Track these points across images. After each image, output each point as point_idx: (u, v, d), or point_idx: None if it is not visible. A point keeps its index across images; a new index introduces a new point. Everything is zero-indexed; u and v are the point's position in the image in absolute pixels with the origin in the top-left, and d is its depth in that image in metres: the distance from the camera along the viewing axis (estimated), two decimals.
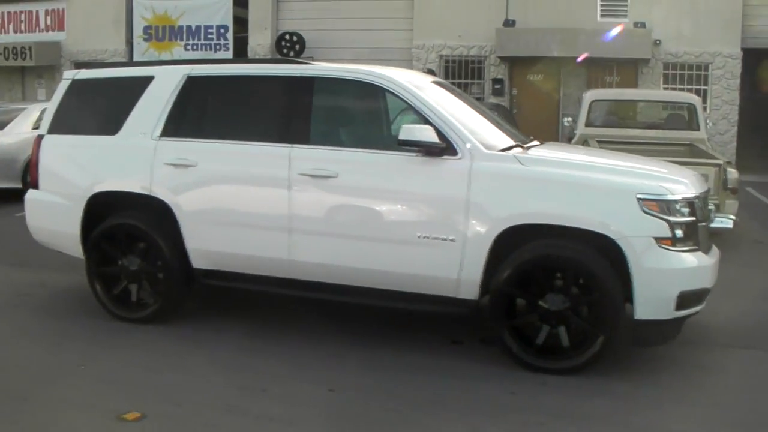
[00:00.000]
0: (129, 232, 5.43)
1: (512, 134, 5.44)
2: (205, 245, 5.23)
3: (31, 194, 5.80)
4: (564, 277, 4.60)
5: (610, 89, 14.31)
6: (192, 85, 5.36)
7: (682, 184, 4.69)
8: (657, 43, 15.96)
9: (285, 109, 5.15)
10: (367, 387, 4.38)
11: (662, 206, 4.47)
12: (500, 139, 5.06)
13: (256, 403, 4.15)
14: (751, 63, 15.78)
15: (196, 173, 5.19)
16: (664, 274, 4.45)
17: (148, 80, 5.49)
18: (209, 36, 18.41)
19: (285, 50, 18.13)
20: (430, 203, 4.77)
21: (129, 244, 5.46)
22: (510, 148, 4.95)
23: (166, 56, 17.90)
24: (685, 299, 4.53)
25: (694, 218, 4.58)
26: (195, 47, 18.40)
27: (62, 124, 5.70)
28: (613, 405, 4.24)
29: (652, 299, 4.48)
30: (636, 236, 4.42)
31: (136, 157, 5.38)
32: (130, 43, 19.24)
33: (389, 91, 4.99)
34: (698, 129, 10.40)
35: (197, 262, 5.29)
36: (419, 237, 4.74)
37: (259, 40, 18.52)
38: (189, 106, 5.39)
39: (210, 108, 5.47)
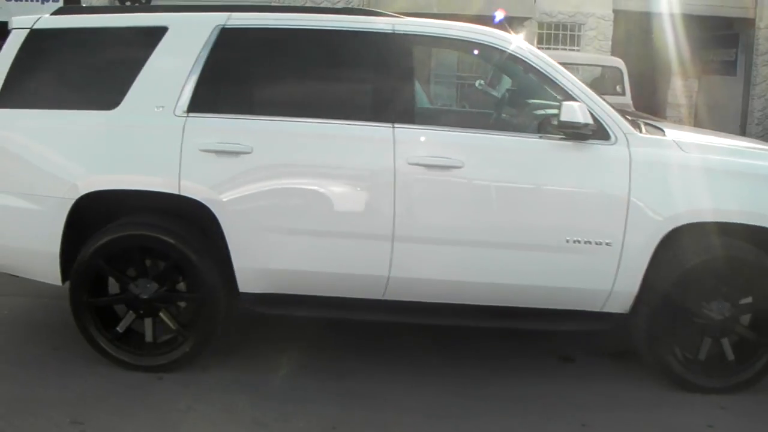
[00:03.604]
0: (144, 248, 3.88)
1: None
2: (263, 262, 3.83)
3: None
4: (730, 282, 3.90)
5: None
6: (230, 40, 3.87)
7: None
8: (533, 2, 15.80)
9: (379, 77, 3.86)
10: None
11: None
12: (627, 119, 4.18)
13: None
14: (623, 25, 16.20)
15: (252, 162, 3.76)
16: None
17: (157, 33, 3.90)
18: None
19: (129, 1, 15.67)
20: (583, 200, 3.80)
21: (140, 264, 3.92)
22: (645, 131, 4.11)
23: None
24: None
25: None
26: None
27: (19, 93, 3.91)
28: None
29: None
30: None
31: (153, 140, 3.82)
32: None
33: (516, 57, 3.91)
34: (624, 94, 10.32)
35: (247, 284, 3.88)
36: (568, 242, 3.78)
37: None
38: (230, 69, 3.88)
39: (265, 72, 3.97)
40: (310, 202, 3.79)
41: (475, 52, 4.01)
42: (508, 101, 4.78)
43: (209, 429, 3.39)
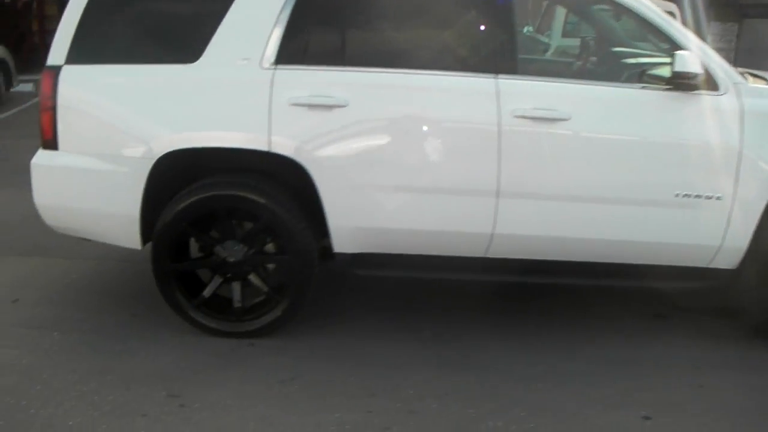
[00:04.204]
0: (231, 208, 3.67)
1: None
2: (361, 221, 3.64)
3: (43, 158, 3.74)
4: None
5: None
6: None
7: None
8: None
9: (480, 25, 3.63)
10: (688, 404, 3.27)
11: None
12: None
13: None
14: None
15: (347, 117, 3.54)
16: None
17: None
18: None
19: None
20: (692, 152, 3.61)
21: (226, 226, 3.72)
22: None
23: None
24: None
25: None
26: None
27: (91, 48, 3.67)
28: None
29: None
30: None
31: (239, 95, 3.59)
32: None
33: (620, 5, 3.69)
34: None
35: (343, 244, 3.70)
36: (677, 196, 3.62)
37: None
38: (320, 17, 3.64)
39: (359, 20, 3.72)
40: (410, 158, 3.59)
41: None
42: (593, 50, 4.57)
43: (319, 400, 3.23)
